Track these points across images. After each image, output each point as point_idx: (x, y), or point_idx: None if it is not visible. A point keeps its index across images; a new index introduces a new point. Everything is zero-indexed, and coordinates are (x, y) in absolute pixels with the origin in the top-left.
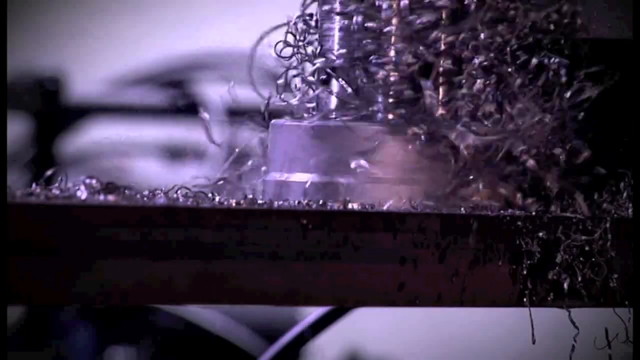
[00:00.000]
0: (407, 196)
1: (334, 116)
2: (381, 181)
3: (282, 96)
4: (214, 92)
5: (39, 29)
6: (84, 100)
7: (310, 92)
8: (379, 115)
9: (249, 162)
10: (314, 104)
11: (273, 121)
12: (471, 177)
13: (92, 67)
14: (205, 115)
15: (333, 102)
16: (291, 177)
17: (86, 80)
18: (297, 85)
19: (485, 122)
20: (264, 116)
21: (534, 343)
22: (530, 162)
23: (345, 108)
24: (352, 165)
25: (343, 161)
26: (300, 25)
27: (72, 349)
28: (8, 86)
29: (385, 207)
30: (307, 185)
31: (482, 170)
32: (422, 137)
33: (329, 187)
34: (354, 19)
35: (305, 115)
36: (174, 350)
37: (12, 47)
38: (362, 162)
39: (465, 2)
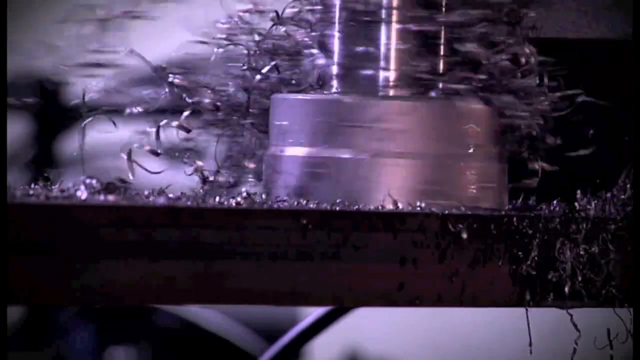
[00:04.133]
0: (407, 172)
1: (334, 89)
2: (381, 155)
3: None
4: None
5: (39, 29)
6: (83, 100)
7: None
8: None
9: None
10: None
11: (273, 95)
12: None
13: (92, 67)
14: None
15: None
16: (286, 151)
17: (86, 80)
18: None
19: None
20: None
21: (530, 345)
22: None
23: (346, 81)
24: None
25: (341, 135)
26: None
27: (72, 349)
28: (8, 86)
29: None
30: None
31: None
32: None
33: (324, 162)
34: None
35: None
36: (174, 350)
37: (12, 47)
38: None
39: None
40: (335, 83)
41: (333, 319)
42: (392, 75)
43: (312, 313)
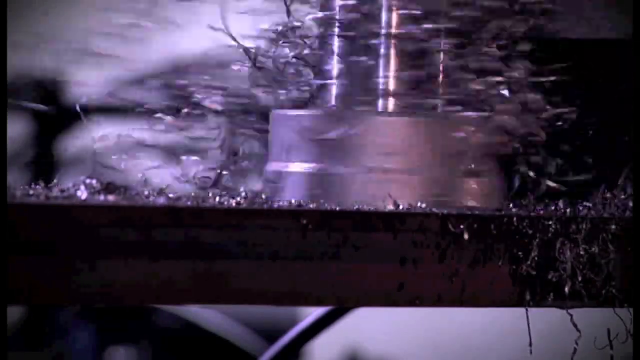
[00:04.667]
0: (408, 187)
1: (333, 105)
2: (383, 171)
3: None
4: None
5: (39, 29)
6: (84, 100)
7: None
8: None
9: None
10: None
11: (274, 111)
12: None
13: (92, 67)
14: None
15: (332, 91)
16: (289, 167)
17: (86, 80)
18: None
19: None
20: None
21: (530, 345)
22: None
23: (346, 97)
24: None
25: (342, 151)
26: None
27: (72, 349)
28: (8, 86)
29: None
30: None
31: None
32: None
33: (326, 178)
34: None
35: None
36: (174, 350)
37: (12, 47)
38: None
39: None
40: (333, 98)
41: (333, 319)
42: (390, 90)
43: (312, 313)
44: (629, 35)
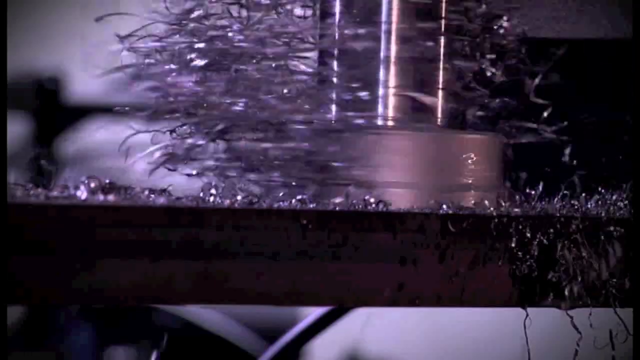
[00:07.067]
0: (412, 200)
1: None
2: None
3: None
4: None
5: (39, 29)
6: (84, 100)
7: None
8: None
9: None
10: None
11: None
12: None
13: (92, 67)
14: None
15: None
16: None
17: (86, 80)
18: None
19: None
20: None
21: (527, 344)
22: None
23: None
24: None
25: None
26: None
27: (72, 349)
28: (8, 86)
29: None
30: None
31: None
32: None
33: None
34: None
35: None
36: (174, 350)
37: (12, 47)
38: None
39: None
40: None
41: (333, 319)
42: (390, 105)
43: (312, 313)
44: (629, 35)
